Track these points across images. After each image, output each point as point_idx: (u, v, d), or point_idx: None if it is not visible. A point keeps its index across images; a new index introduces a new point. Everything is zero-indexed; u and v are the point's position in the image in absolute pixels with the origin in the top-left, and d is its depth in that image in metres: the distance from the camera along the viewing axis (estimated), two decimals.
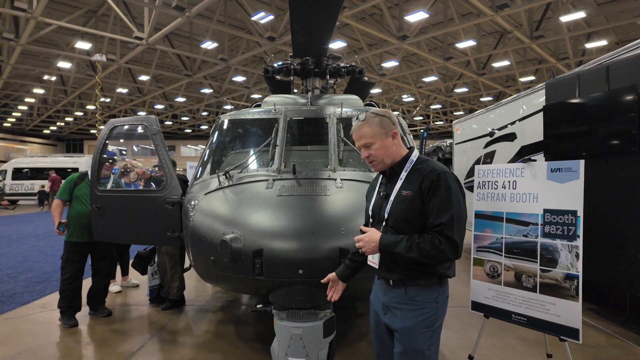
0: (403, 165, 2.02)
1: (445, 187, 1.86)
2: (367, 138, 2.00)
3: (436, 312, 1.95)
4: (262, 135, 4.33)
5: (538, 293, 2.68)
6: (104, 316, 4.78)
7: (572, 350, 3.78)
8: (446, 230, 1.81)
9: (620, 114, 4.05)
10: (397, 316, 1.97)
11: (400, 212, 1.94)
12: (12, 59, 18.70)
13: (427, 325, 1.93)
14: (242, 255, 2.72)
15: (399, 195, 1.96)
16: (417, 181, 1.91)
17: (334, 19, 4.33)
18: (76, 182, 4.67)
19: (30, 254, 8.64)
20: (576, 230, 2.54)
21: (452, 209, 1.83)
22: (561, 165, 2.64)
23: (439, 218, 1.83)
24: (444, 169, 1.92)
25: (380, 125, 1.99)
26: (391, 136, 2.00)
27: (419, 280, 1.93)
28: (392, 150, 2.01)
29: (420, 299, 1.93)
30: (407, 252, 1.84)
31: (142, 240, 4.45)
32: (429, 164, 1.96)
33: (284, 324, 2.64)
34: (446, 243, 1.80)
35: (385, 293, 2.05)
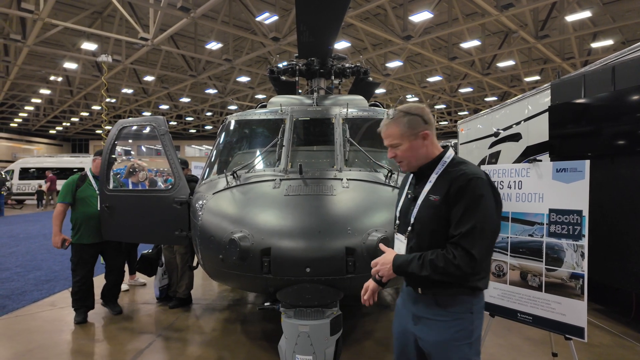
0: (434, 167, 1.84)
1: (474, 193, 1.66)
2: (394, 138, 1.85)
3: (472, 322, 1.76)
4: (268, 136, 4.37)
5: (543, 292, 2.70)
6: (115, 313, 4.83)
7: (577, 350, 3.79)
8: (464, 242, 1.62)
9: (626, 114, 4.06)
10: (430, 328, 1.79)
11: (427, 220, 1.78)
12: (19, 60, 18.90)
13: (464, 337, 1.74)
14: (250, 254, 2.76)
15: (427, 200, 1.80)
16: (447, 185, 1.73)
17: (340, 20, 4.36)
18: (77, 184, 4.63)
19: (38, 252, 8.74)
20: (581, 230, 2.56)
21: (475, 218, 1.63)
22: (566, 166, 2.66)
23: (459, 228, 1.65)
24: (477, 173, 1.71)
25: (408, 126, 1.81)
26: (421, 137, 1.83)
27: (450, 289, 1.75)
28: (421, 152, 1.84)
29: (454, 310, 1.75)
30: (420, 271, 1.68)
31: (151, 239, 4.51)
32: (461, 167, 1.76)
33: (291, 321, 2.67)
34: (462, 257, 1.61)
35: (415, 302, 1.87)
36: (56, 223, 4.55)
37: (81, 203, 4.59)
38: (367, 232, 2.80)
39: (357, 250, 2.74)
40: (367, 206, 3.08)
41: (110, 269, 4.85)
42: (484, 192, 1.67)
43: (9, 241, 10.29)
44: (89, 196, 4.61)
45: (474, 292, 1.77)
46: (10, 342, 4.07)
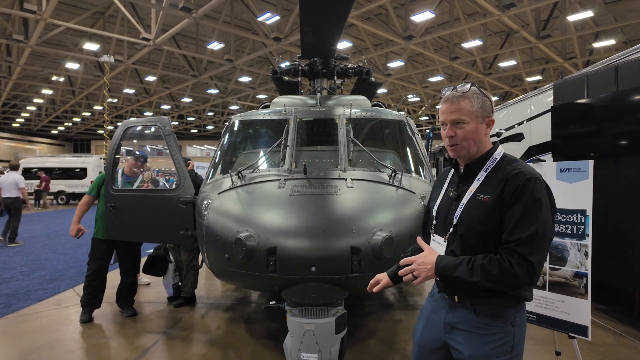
0: (483, 164, 1.67)
1: (533, 195, 1.51)
2: (462, 114, 1.64)
3: (514, 336, 1.62)
4: (272, 136, 4.39)
5: (547, 291, 2.73)
6: (128, 315, 4.80)
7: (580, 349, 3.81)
8: (522, 249, 1.47)
9: (629, 114, 4.08)
10: (467, 340, 1.65)
11: (475, 221, 1.62)
12: (22, 60, 18.97)
13: (504, 352, 1.60)
14: (256, 253, 2.78)
15: (475, 200, 1.64)
16: (500, 185, 1.58)
17: (344, 20, 4.38)
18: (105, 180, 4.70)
19: (42, 252, 8.77)
20: (585, 230, 2.58)
21: (536, 223, 1.49)
22: (570, 166, 2.68)
23: (517, 233, 1.50)
24: (534, 173, 1.58)
25: (482, 106, 1.64)
26: (487, 124, 1.67)
27: (491, 298, 1.61)
28: (482, 140, 1.67)
29: (494, 322, 1.61)
30: (469, 276, 1.53)
31: (156, 239, 4.54)
32: (516, 165, 1.61)
33: (296, 320, 2.70)
34: (520, 265, 1.47)
35: (450, 310, 1.73)
36: (78, 213, 4.71)
37: (102, 199, 4.61)
38: (371, 231, 2.82)
39: (362, 250, 2.76)
40: (372, 206, 3.11)
41: (122, 270, 4.87)
42: (541, 194, 1.54)
43: None
44: None
45: (518, 303, 1.63)
46: (16, 340, 4.10)
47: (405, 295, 5.74)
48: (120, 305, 4.90)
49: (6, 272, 6.86)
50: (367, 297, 5.51)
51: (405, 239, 2.90)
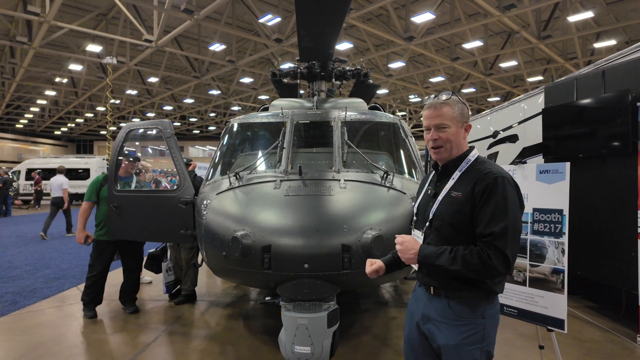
0: (459, 164, 1.85)
1: (502, 192, 1.67)
2: (445, 119, 1.81)
3: (484, 327, 1.74)
4: (270, 138, 4.53)
5: (527, 287, 2.86)
6: (130, 312, 4.95)
7: (568, 345, 3.97)
8: (498, 242, 1.62)
9: (614, 117, 4.20)
10: (440, 330, 1.78)
11: (447, 215, 1.78)
12: (25, 62, 19.15)
13: (474, 341, 1.72)
14: (252, 251, 2.92)
15: (448, 196, 1.80)
16: (470, 183, 1.74)
17: (339, 25, 4.51)
18: (102, 183, 4.84)
19: (46, 251, 8.95)
20: (562, 228, 2.71)
21: (507, 218, 1.64)
22: (549, 167, 2.81)
23: (491, 227, 1.64)
24: (502, 172, 1.73)
25: (461, 113, 1.83)
26: (465, 129, 1.85)
27: (463, 291, 1.74)
28: (461, 143, 1.85)
29: (466, 314, 1.74)
30: (450, 264, 1.66)
31: (157, 238, 4.69)
32: (486, 166, 1.78)
33: (290, 314, 2.83)
34: (497, 257, 1.61)
35: (426, 303, 1.87)
36: (81, 220, 4.82)
37: (104, 202, 4.75)
38: (362, 230, 2.95)
39: (353, 248, 2.89)
40: (363, 206, 3.24)
41: (125, 268, 5.01)
42: (509, 191, 1.69)
43: (17, 240, 10.52)
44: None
45: (489, 296, 1.76)
46: (23, 335, 4.26)
47: (400, 293, 5.87)
48: (123, 303, 5.04)
49: (12, 271, 7.03)
50: (362, 293, 5.64)
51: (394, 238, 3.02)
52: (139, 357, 3.78)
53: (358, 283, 3.42)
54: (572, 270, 4.77)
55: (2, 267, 7.32)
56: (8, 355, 3.79)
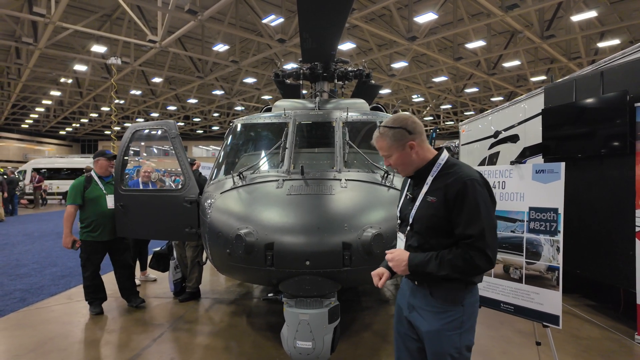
0: (430, 169, 1.94)
1: (473, 196, 1.78)
2: (384, 151, 1.97)
3: (462, 314, 1.88)
4: (272, 139, 4.61)
5: (524, 284, 2.92)
6: (137, 305, 5.07)
7: (566, 343, 4.03)
8: (478, 243, 1.75)
9: (613, 117, 4.24)
10: (423, 318, 1.93)
11: (425, 219, 1.90)
12: (31, 62, 19.35)
13: (454, 328, 1.87)
14: (255, 248, 3.00)
15: (425, 201, 1.91)
16: (443, 188, 1.85)
17: (341, 28, 4.59)
18: (85, 185, 4.84)
19: (53, 250, 9.08)
20: (557, 226, 2.77)
21: (481, 219, 1.77)
22: (545, 167, 2.88)
23: (469, 230, 1.76)
24: (471, 175, 1.83)
25: (394, 139, 1.92)
26: (409, 147, 1.93)
27: (444, 282, 1.87)
28: (413, 159, 1.95)
29: (447, 302, 1.88)
30: (439, 270, 1.79)
31: (162, 236, 4.78)
32: (455, 170, 1.88)
33: (292, 310, 2.91)
34: (479, 257, 1.75)
35: (411, 293, 2.02)
36: (67, 225, 4.74)
37: (91, 203, 4.80)
38: (362, 228, 3.03)
39: (353, 245, 2.97)
40: (364, 205, 3.31)
41: (120, 265, 5.08)
42: (478, 192, 1.79)
43: (24, 239, 10.67)
44: (98, 196, 4.83)
45: (467, 286, 1.89)
46: (32, 331, 4.36)
47: None
48: (128, 298, 5.14)
49: (20, 269, 7.16)
50: (364, 291, 5.72)
51: (393, 236, 3.09)
52: (145, 352, 3.87)
53: (358, 280, 3.49)
54: (571, 269, 4.85)
55: (10, 265, 7.45)
56: (18, 350, 3.90)
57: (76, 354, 3.85)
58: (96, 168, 5.04)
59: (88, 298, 4.91)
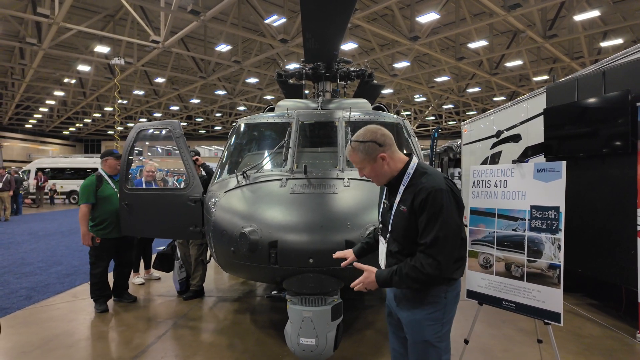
0: (401, 179, 2.03)
1: (433, 205, 1.86)
2: (357, 164, 2.08)
3: (444, 306, 1.99)
4: (275, 138, 4.64)
5: (525, 281, 2.95)
6: (130, 301, 5.21)
7: (568, 341, 4.06)
8: (429, 250, 1.85)
9: (614, 117, 4.26)
10: (406, 308, 2.06)
11: (400, 227, 2.01)
12: (35, 63, 19.46)
13: (435, 318, 1.98)
14: (259, 246, 3.04)
15: (398, 210, 2.02)
16: (410, 198, 1.94)
17: (343, 28, 4.62)
18: (97, 184, 4.93)
19: (58, 249, 9.15)
20: (558, 225, 2.79)
21: (435, 228, 1.85)
22: (546, 166, 2.90)
23: (424, 237, 1.87)
24: (435, 185, 1.90)
25: (365, 152, 2.01)
26: (380, 159, 2.02)
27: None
28: (384, 170, 2.05)
29: (429, 294, 1.99)
30: (400, 285, 1.93)
31: (167, 234, 4.83)
32: (422, 180, 1.95)
33: (296, 308, 2.94)
34: (429, 264, 1.84)
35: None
36: (84, 223, 4.83)
37: (104, 201, 4.90)
38: (365, 226, 3.06)
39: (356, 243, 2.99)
40: (366, 203, 3.34)
41: (124, 263, 5.21)
42: (443, 202, 1.87)
43: (29, 238, 10.75)
44: (110, 195, 4.93)
45: (449, 282, 2.01)
46: (37, 328, 4.41)
47: None
48: (120, 295, 5.26)
49: (25, 267, 7.22)
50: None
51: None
52: (149, 349, 3.91)
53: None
54: (573, 268, 4.87)
55: (15, 264, 7.52)
56: (24, 346, 3.95)
57: (82, 350, 3.90)
58: (105, 167, 5.12)
59: (94, 295, 4.97)
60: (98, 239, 4.89)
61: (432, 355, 2.00)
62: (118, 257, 5.18)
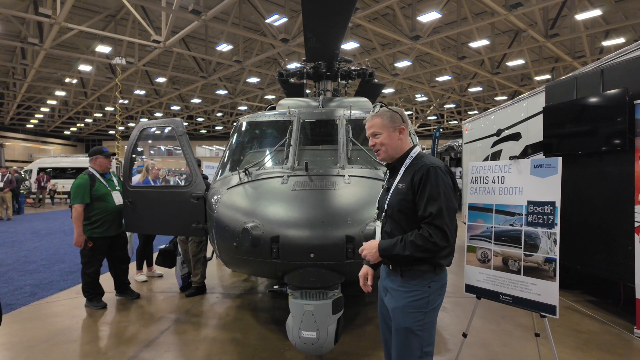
0: (403, 161, 2.17)
1: (434, 179, 1.98)
2: (376, 128, 2.18)
3: (428, 295, 2.06)
4: (277, 136, 4.70)
5: (522, 275, 3.00)
6: (133, 298, 5.26)
7: (566, 336, 4.10)
8: (435, 221, 1.93)
9: (612, 115, 4.30)
10: (392, 296, 2.13)
11: (396, 203, 2.11)
12: (36, 63, 19.53)
13: (418, 306, 2.05)
14: (261, 241, 3.09)
15: (396, 188, 2.13)
16: (410, 175, 2.07)
17: (344, 28, 4.68)
18: (91, 184, 4.92)
19: (60, 247, 9.22)
20: (554, 219, 2.84)
21: (440, 199, 1.95)
22: (542, 162, 2.95)
23: (428, 208, 1.96)
24: (435, 163, 2.05)
25: (390, 119, 2.16)
26: (398, 131, 2.17)
27: (414, 265, 2.05)
28: (397, 144, 2.17)
29: (414, 283, 2.06)
30: (403, 251, 1.97)
31: (170, 231, 4.89)
32: (422, 160, 2.10)
33: (297, 301, 3.00)
34: (436, 233, 1.92)
35: (386, 277, 2.22)
36: (79, 224, 4.80)
37: (99, 200, 4.90)
38: (365, 222, 3.11)
39: (356, 239, 3.05)
40: (366, 199, 3.39)
41: (120, 260, 5.26)
42: (440, 177, 2.00)
43: (32, 237, 10.82)
44: (105, 194, 4.96)
45: (435, 269, 2.07)
46: (42, 323, 4.48)
47: None
48: (124, 292, 5.31)
49: (29, 265, 7.29)
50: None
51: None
52: (153, 343, 3.97)
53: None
54: (572, 265, 4.91)
55: (19, 262, 7.59)
56: (30, 341, 4.01)
57: (87, 344, 3.96)
58: (95, 166, 5.11)
59: (89, 295, 5.00)
60: (90, 243, 4.86)
61: (414, 343, 2.06)
62: (113, 254, 5.20)
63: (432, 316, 2.09)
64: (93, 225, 4.89)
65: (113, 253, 5.18)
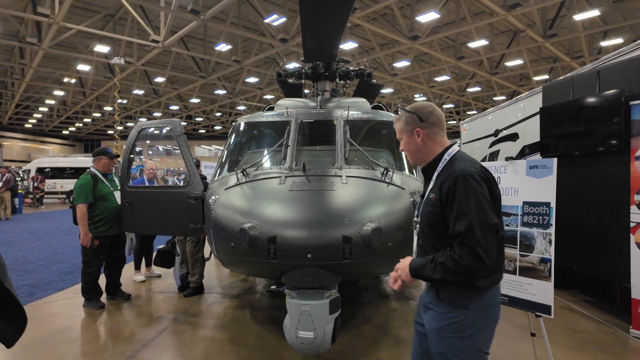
0: (436, 166, 1.91)
1: (464, 190, 1.70)
2: (398, 133, 2.03)
3: (466, 318, 1.76)
4: (275, 137, 4.71)
5: (518, 275, 3.02)
6: (124, 299, 5.27)
7: (562, 336, 4.12)
8: (466, 240, 1.65)
9: (608, 115, 4.33)
10: (429, 317, 1.89)
11: (426, 216, 1.88)
12: (35, 62, 19.49)
13: (453, 330, 1.77)
14: (258, 242, 3.10)
15: (427, 198, 1.89)
16: (439, 184, 1.82)
17: (342, 28, 4.69)
18: (93, 184, 4.97)
19: (59, 247, 9.23)
20: (549, 220, 2.87)
21: (469, 215, 1.66)
22: (538, 163, 2.97)
23: (457, 227, 1.68)
24: (465, 170, 1.75)
25: (405, 122, 1.97)
26: (415, 134, 1.94)
27: (452, 284, 1.78)
28: (418, 147, 1.96)
29: (449, 304, 1.80)
30: (434, 274, 1.73)
31: (168, 231, 4.90)
32: (454, 165, 1.82)
33: (294, 301, 3.01)
34: (467, 255, 1.64)
35: (426, 293, 1.99)
36: (84, 224, 4.83)
37: (101, 200, 4.95)
38: (362, 222, 3.12)
39: (353, 239, 3.07)
40: (363, 200, 3.41)
41: (117, 260, 5.29)
42: (470, 187, 1.70)
43: (30, 237, 10.82)
44: (107, 193, 5.00)
45: (471, 290, 1.76)
46: (41, 323, 4.48)
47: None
48: (114, 293, 5.31)
49: (27, 265, 7.30)
50: (364, 286, 5.82)
51: (392, 231, 3.21)
52: (151, 343, 3.98)
53: (358, 273, 3.59)
54: (569, 265, 4.93)
55: (17, 262, 7.59)
56: (29, 341, 4.01)
57: (85, 344, 3.97)
58: (98, 166, 5.16)
59: (88, 294, 5.01)
60: (97, 241, 4.90)
61: None
62: (112, 254, 5.22)
63: (471, 342, 1.76)
64: (96, 225, 4.93)
65: (112, 253, 5.21)
